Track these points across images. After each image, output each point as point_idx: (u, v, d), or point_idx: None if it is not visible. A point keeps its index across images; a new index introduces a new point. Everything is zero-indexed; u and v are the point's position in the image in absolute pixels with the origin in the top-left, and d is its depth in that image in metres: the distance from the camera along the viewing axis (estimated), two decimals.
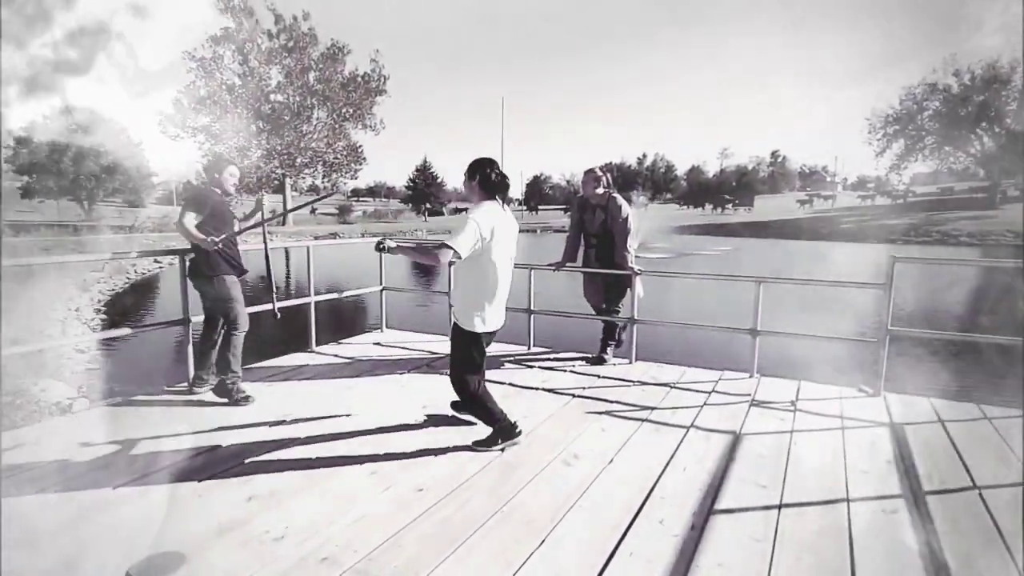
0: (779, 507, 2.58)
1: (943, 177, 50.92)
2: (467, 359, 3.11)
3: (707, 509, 2.56)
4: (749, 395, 4.11)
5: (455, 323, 3.13)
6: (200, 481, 2.77)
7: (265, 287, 4.15)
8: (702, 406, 3.90)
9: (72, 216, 35.03)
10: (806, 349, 5.34)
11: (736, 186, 77.45)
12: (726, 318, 5.48)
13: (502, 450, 3.15)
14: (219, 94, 36.19)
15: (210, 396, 3.90)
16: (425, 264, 2.98)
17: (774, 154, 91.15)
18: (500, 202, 3.04)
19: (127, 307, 14.80)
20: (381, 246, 3.03)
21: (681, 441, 3.30)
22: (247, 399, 3.82)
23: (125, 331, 5.21)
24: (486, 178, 3.00)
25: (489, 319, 3.04)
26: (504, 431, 3.18)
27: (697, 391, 4.21)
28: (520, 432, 3.21)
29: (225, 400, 3.82)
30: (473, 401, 3.16)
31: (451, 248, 2.78)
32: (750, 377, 4.51)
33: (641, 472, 2.92)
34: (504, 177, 3.04)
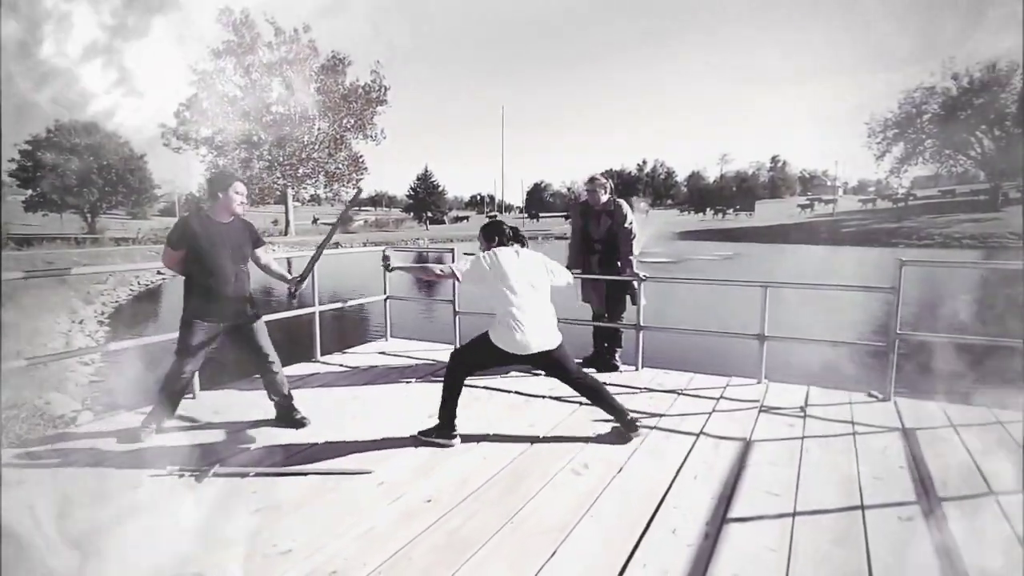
0: (793, 515, 2.54)
1: (944, 180, 50.96)
2: (473, 352, 3.41)
3: (720, 518, 2.52)
4: (758, 401, 4.07)
5: (487, 333, 3.38)
6: (205, 493, 2.74)
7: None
8: (711, 413, 3.86)
9: (75, 229, 35.14)
10: (814, 354, 5.31)
11: (737, 191, 77.51)
12: (730, 323, 5.45)
13: (439, 445, 3.32)
14: (221, 106, 36.37)
15: (209, 411, 3.82)
16: (427, 280, 3.44)
17: (774, 159, 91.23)
18: (515, 247, 3.45)
19: (131, 318, 14.81)
20: (387, 265, 3.48)
21: (691, 449, 3.27)
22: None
23: (128, 343, 5.17)
24: (503, 236, 3.48)
25: (505, 338, 3.26)
26: (444, 431, 3.36)
27: (705, 397, 4.18)
28: (456, 438, 3.36)
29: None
30: (448, 387, 3.39)
31: (452, 269, 3.32)
32: (758, 383, 4.47)
33: (652, 481, 2.88)
34: (516, 230, 3.55)
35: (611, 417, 3.48)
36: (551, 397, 4.17)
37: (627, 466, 3.05)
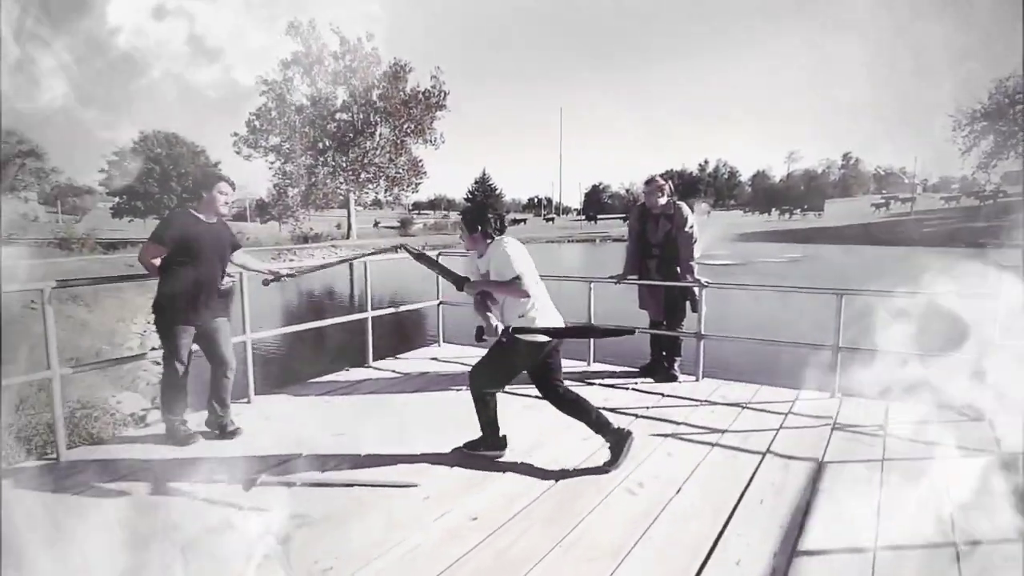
0: (874, 550, 2.29)
1: None
2: (496, 363, 3.15)
3: (790, 549, 2.30)
4: (831, 417, 3.77)
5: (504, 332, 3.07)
6: (250, 502, 2.73)
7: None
8: (778, 429, 3.60)
9: None
10: (893, 367, 4.90)
11: (805, 190, 74.36)
12: (800, 332, 5.10)
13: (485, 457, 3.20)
14: (289, 115, 37.80)
15: (261, 417, 3.82)
16: (515, 296, 3.02)
17: (846, 156, 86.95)
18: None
19: None
20: (463, 288, 3.21)
21: (757, 469, 3.04)
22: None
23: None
24: (487, 224, 3.12)
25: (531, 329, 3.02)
26: (490, 441, 3.23)
27: (772, 412, 3.91)
28: (504, 448, 3.24)
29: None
30: (480, 400, 3.21)
31: (519, 278, 2.94)
32: (831, 397, 4.15)
33: (713, 503, 2.68)
34: (502, 218, 3.20)
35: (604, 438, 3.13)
36: (606, 408, 3.99)
37: (686, 487, 2.85)
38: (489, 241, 3.11)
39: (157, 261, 3.37)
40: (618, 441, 3.09)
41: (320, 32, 37.91)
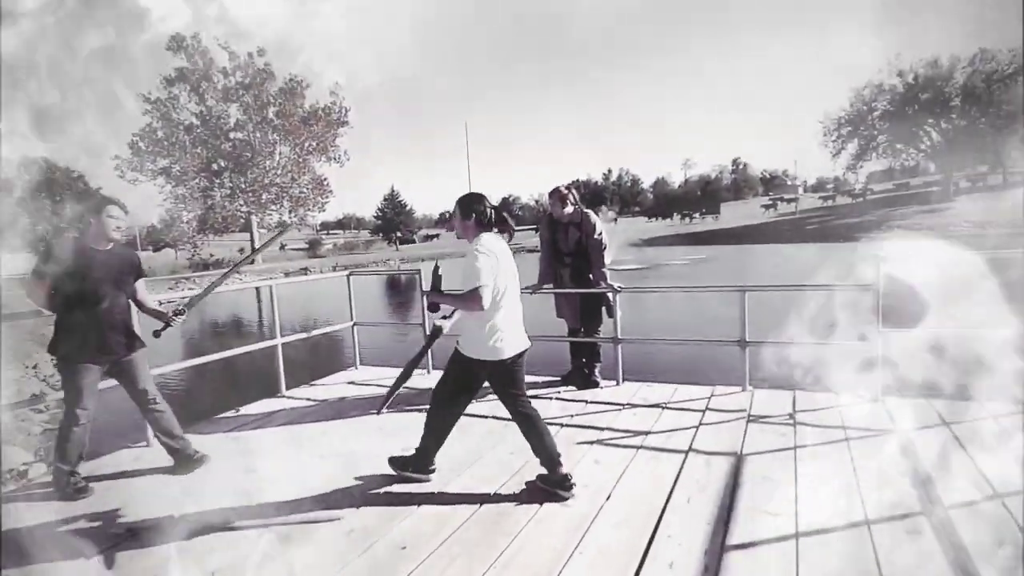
0: (796, 536, 2.38)
1: (898, 174, 52.50)
2: (456, 382, 2.97)
3: (719, 546, 2.35)
4: (744, 410, 3.93)
5: (456, 349, 2.94)
6: (155, 556, 2.46)
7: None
8: (698, 426, 3.71)
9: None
10: (797, 356, 5.20)
11: (701, 195, 78.76)
12: (709, 331, 5.33)
13: (409, 479, 3.08)
14: (177, 135, 35.59)
15: (158, 464, 3.46)
16: (469, 310, 2.75)
17: (735, 161, 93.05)
18: (497, 233, 2.96)
19: None
20: (438, 328, 3.11)
21: (681, 468, 3.10)
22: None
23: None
24: (482, 214, 2.88)
25: (498, 347, 2.81)
26: (421, 463, 3.10)
27: (690, 410, 4.02)
28: (432, 472, 3.11)
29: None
30: (432, 423, 3.05)
31: (481, 285, 2.68)
32: (743, 391, 4.34)
33: (642, 508, 2.70)
34: (498, 210, 2.95)
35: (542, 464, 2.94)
36: None
37: (615, 493, 2.86)
38: (479, 233, 2.86)
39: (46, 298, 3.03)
40: (557, 483, 2.86)
41: (207, 47, 36.08)
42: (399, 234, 60.81)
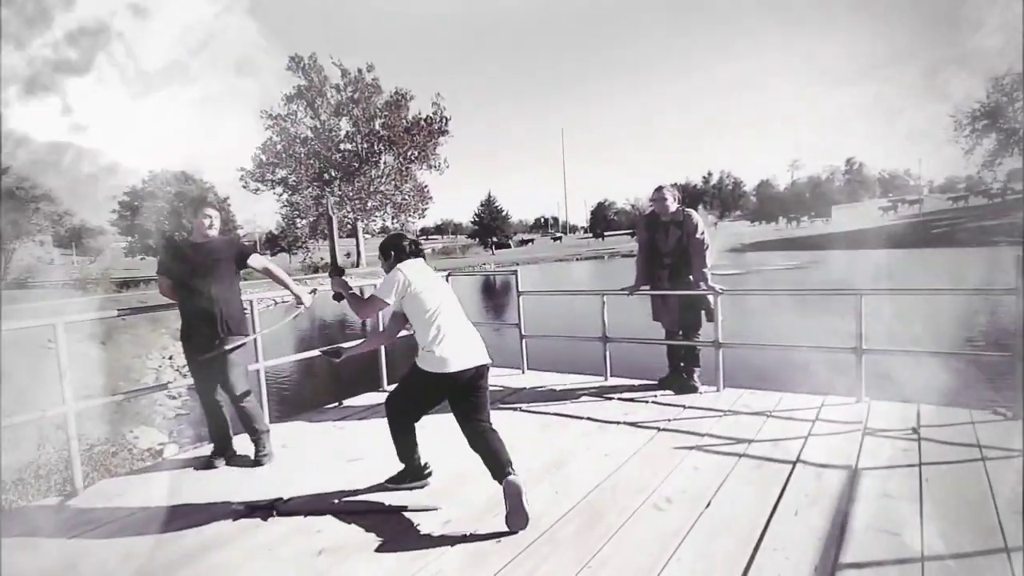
0: (921, 560, 2.17)
1: None
2: (406, 391, 3.01)
3: (831, 564, 2.19)
4: (860, 422, 3.64)
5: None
6: (269, 532, 2.65)
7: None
8: (807, 437, 3.48)
9: None
10: (920, 368, 4.77)
11: (810, 197, 74.10)
12: (820, 337, 5.00)
13: (409, 489, 3.06)
14: (294, 147, 38.33)
15: (276, 445, 3.69)
16: (360, 315, 3.09)
17: (849, 161, 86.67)
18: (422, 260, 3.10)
19: None
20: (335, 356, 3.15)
21: (788, 479, 2.92)
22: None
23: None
24: (400, 250, 3.06)
25: (431, 361, 2.79)
26: (411, 473, 3.10)
27: (798, 420, 3.79)
28: (428, 476, 3.12)
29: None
30: (394, 434, 3.07)
31: (376, 296, 2.91)
32: (857, 402, 4.03)
33: (746, 517, 2.57)
34: (416, 243, 3.13)
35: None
36: (626, 423, 3.90)
37: (715, 501, 2.74)
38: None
39: (170, 292, 3.47)
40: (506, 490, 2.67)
41: (322, 65, 38.60)
42: (495, 239, 61.90)
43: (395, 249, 3.06)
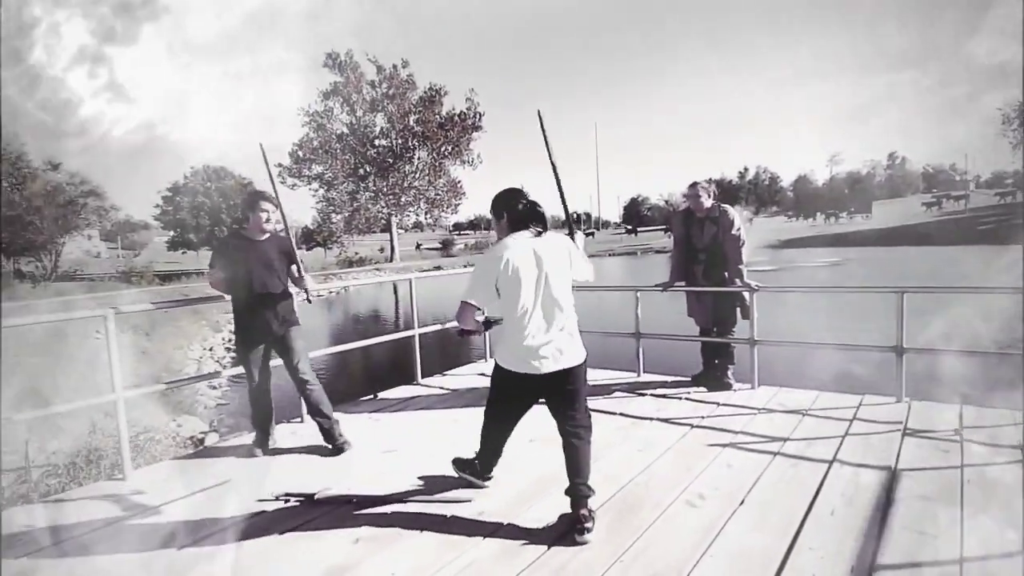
0: (960, 562, 2.14)
1: None
2: (493, 392, 2.85)
3: (868, 564, 2.17)
4: (900, 423, 3.57)
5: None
6: (308, 521, 2.74)
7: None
8: (844, 436, 3.43)
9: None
10: (961, 367, 4.64)
11: (849, 193, 72.11)
12: (857, 335, 4.90)
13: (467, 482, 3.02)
14: (330, 143, 38.98)
15: (316, 435, 3.75)
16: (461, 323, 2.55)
17: (891, 156, 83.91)
18: (532, 231, 2.58)
19: None
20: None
21: (824, 478, 2.89)
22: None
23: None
24: (514, 210, 2.59)
25: (511, 360, 2.59)
26: (478, 469, 3.00)
27: (835, 419, 3.73)
28: (489, 479, 3.00)
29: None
30: (482, 433, 2.95)
31: (463, 302, 2.50)
32: (897, 402, 3.94)
33: (780, 516, 2.56)
34: (535, 205, 2.61)
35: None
36: (659, 419, 3.89)
37: (749, 498, 2.73)
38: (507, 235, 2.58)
39: (221, 284, 3.55)
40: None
41: (358, 61, 39.11)
42: None
43: (508, 210, 2.59)
